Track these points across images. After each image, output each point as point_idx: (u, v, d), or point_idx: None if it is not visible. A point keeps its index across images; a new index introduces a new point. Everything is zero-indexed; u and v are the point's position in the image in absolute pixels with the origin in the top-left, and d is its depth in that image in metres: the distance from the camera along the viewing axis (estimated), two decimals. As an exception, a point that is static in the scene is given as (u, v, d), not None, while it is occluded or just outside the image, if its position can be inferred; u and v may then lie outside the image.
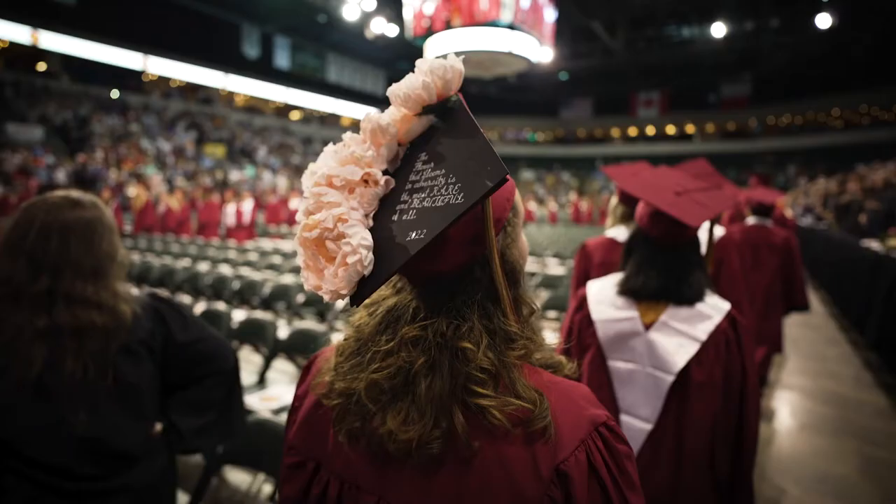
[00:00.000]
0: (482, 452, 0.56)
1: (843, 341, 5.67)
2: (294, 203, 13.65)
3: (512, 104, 33.83)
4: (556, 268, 7.11)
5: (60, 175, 13.33)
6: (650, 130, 32.76)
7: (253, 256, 7.31)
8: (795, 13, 20.45)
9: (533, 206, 21.16)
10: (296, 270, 6.05)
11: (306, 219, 0.57)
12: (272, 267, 6.40)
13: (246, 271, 5.96)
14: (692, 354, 1.27)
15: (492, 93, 31.67)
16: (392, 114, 0.63)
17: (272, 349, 3.14)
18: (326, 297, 0.56)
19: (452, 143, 0.59)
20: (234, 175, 18.85)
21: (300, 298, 4.46)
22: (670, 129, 32.31)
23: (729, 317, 1.32)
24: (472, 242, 0.60)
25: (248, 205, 11.55)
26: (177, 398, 1.36)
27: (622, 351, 1.36)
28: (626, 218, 2.36)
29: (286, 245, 9.22)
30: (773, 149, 28.51)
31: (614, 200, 2.46)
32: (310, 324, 3.67)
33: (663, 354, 1.29)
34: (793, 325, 6.28)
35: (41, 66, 20.12)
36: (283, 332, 3.24)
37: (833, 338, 5.90)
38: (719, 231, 2.42)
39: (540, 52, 14.45)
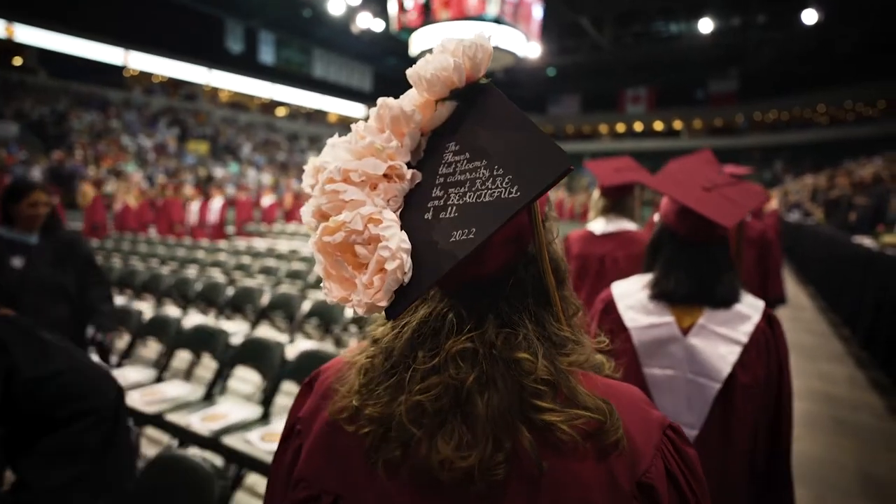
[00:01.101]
0: (552, 472, 0.51)
1: (833, 337, 5.59)
2: (267, 200, 13.03)
3: (500, 100, 33.62)
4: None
5: (36, 172, 12.92)
6: (638, 126, 32.81)
7: (223, 257, 6.98)
8: (782, 9, 20.53)
9: None
10: (266, 272, 5.75)
11: (321, 220, 0.52)
12: (241, 267, 6.11)
13: (214, 273, 5.76)
14: (737, 358, 1.23)
15: (480, 89, 31.45)
16: (413, 99, 0.57)
17: (223, 359, 2.87)
18: (360, 311, 0.50)
19: (491, 131, 0.54)
20: (218, 172, 18.50)
21: (265, 300, 4.19)
22: (658, 126, 32.38)
23: (765, 315, 1.28)
24: (514, 241, 0.57)
25: (216, 202, 10.99)
26: (37, 447, 1.12)
27: (659, 357, 1.31)
28: (606, 211, 2.38)
29: (261, 244, 8.95)
30: (760, 145, 28.69)
31: (596, 194, 2.46)
32: (271, 332, 3.50)
33: (706, 360, 1.25)
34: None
35: (17, 61, 19.58)
36: (239, 339, 3.05)
37: (823, 333, 5.82)
38: None
39: (526, 46, 14.29)
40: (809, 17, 18.74)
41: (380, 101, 0.56)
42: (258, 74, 25.89)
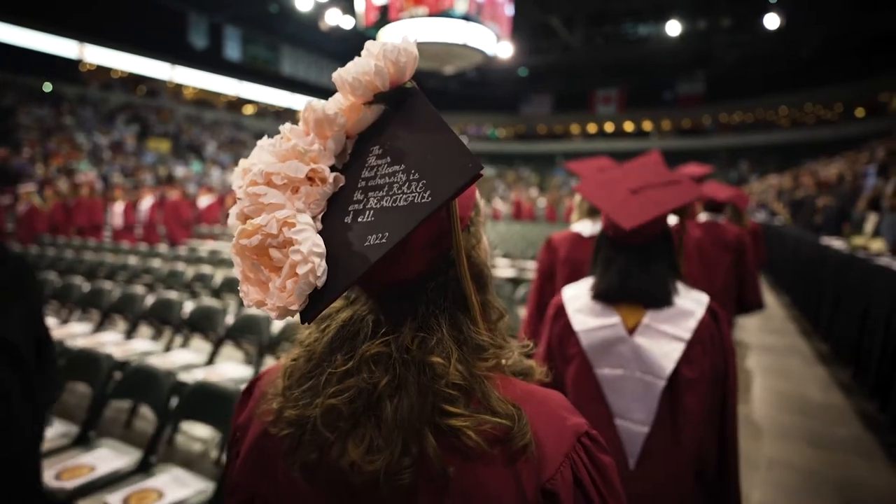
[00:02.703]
0: (459, 477, 0.51)
1: (805, 348, 5.55)
2: (204, 201, 11.91)
3: (472, 100, 33.60)
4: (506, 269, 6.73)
5: (-23, 171, 12.11)
6: (609, 127, 33.17)
7: (133, 260, 6.32)
8: (746, 13, 21.01)
9: (500, 204, 20.89)
10: (185, 288, 5.21)
11: (242, 223, 0.51)
12: (148, 272, 5.55)
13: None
14: (680, 355, 1.26)
15: (452, 88, 31.39)
16: (339, 102, 0.58)
17: (101, 390, 2.41)
18: (273, 315, 0.50)
19: (412, 135, 0.54)
20: (179, 171, 17.80)
21: (186, 311, 3.78)
22: (628, 126, 32.80)
23: (710, 309, 1.31)
24: (434, 245, 0.57)
25: (145, 203, 10.05)
26: None
27: (608, 358, 1.32)
28: (592, 212, 2.31)
29: (209, 246, 8.48)
30: (726, 146, 29.34)
31: (580, 195, 2.40)
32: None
33: (651, 358, 1.27)
34: (753, 329, 6.16)
35: (-40, 53, 18.47)
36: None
37: (795, 345, 5.78)
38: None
39: (496, 45, 14.15)
40: (772, 21, 19.21)
41: (306, 103, 0.55)
42: (224, 71, 25.11)
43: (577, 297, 1.42)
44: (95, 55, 21.30)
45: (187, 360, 3.12)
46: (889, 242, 4.24)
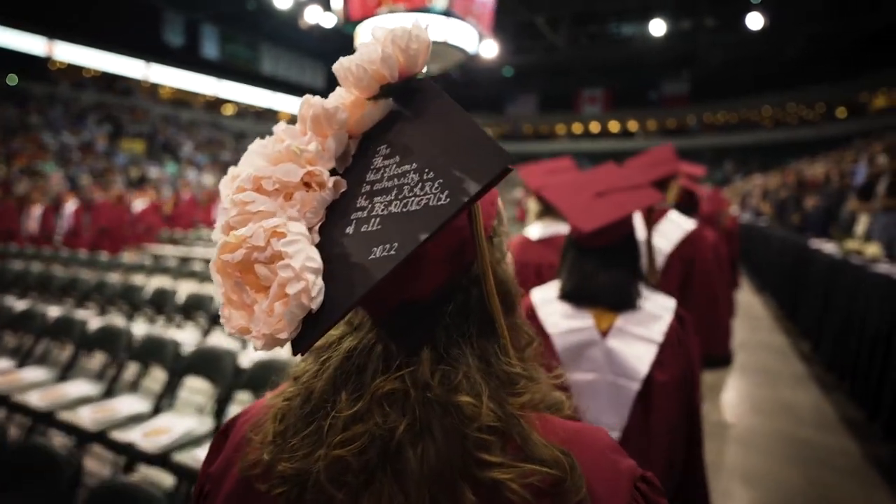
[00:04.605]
0: None
1: (792, 354, 5.29)
2: (139, 203, 10.70)
3: (457, 100, 32.63)
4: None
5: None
6: (594, 127, 33.09)
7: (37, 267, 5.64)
8: (730, 13, 21.00)
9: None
10: (89, 302, 4.66)
11: (226, 236, 0.44)
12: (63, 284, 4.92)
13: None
14: (654, 358, 1.25)
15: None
16: (341, 97, 0.52)
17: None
18: (258, 345, 0.42)
19: (425, 131, 0.47)
20: (153, 172, 17.21)
21: (92, 326, 3.26)
22: (614, 126, 32.75)
23: (677, 314, 1.31)
24: (453, 259, 0.49)
25: (69, 207, 9.17)
26: None
27: (581, 361, 1.31)
28: (541, 215, 2.27)
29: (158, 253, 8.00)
30: (711, 145, 29.40)
31: (532, 198, 2.37)
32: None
33: (625, 361, 1.26)
34: (737, 337, 5.89)
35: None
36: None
37: (786, 362, 5.51)
38: (688, 225, 2.27)
39: (478, 43, 13.81)
40: (754, 21, 19.16)
41: (303, 98, 0.50)
42: (202, 69, 24.45)
43: (547, 300, 1.39)
44: (65, 52, 20.57)
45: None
46: (883, 245, 3.96)
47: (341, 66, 0.50)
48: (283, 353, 2.53)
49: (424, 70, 0.52)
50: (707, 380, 3.85)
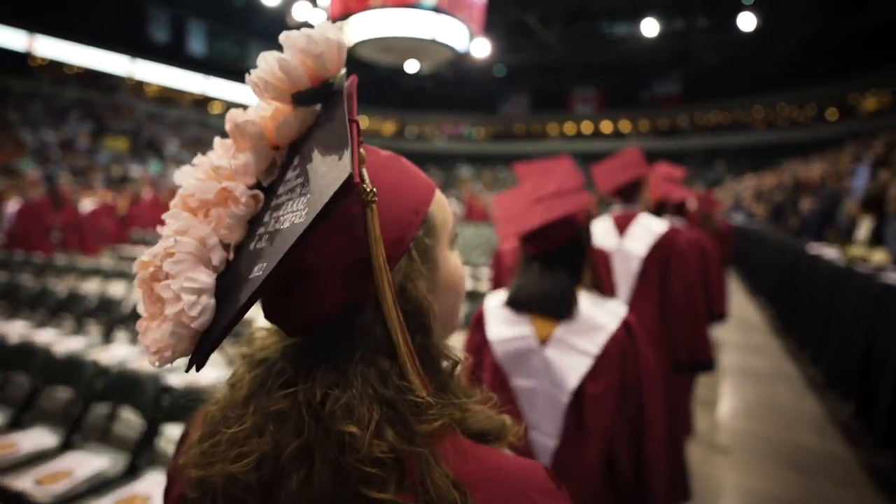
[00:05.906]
0: None
1: (786, 359, 5.09)
2: (88, 204, 10.06)
3: (448, 99, 33.02)
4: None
5: None
6: (587, 127, 32.95)
7: None
8: (722, 13, 20.93)
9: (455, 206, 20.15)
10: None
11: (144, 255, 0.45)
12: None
13: None
14: (586, 370, 1.23)
15: (428, 87, 30.79)
16: (259, 108, 0.50)
17: None
18: (151, 360, 0.42)
19: (319, 139, 0.46)
20: (136, 171, 16.80)
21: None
22: (606, 127, 32.62)
23: (624, 323, 1.27)
24: (355, 276, 0.45)
25: (11, 206, 8.60)
26: None
27: (521, 369, 1.30)
28: None
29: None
30: (703, 146, 29.35)
31: None
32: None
33: (558, 371, 1.26)
34: (730, 345, 5.69)
35: None
36: None
37: (780, 367, 5.31)
38: (660, 227, 2.17)
39: (468, 41, 13.56)
40: (746, 22, 19.07)
41: (228, 112, 0.48)
42: (188, 67, 24.02)
43: (494, 307, 1.39)
44: (46, 48, 20.05)
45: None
46: (894, 253, 3.73)
47: (250, 77, 0.48)
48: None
49: (342, 72, 0.48)
50: (700, 385, 3.67)
